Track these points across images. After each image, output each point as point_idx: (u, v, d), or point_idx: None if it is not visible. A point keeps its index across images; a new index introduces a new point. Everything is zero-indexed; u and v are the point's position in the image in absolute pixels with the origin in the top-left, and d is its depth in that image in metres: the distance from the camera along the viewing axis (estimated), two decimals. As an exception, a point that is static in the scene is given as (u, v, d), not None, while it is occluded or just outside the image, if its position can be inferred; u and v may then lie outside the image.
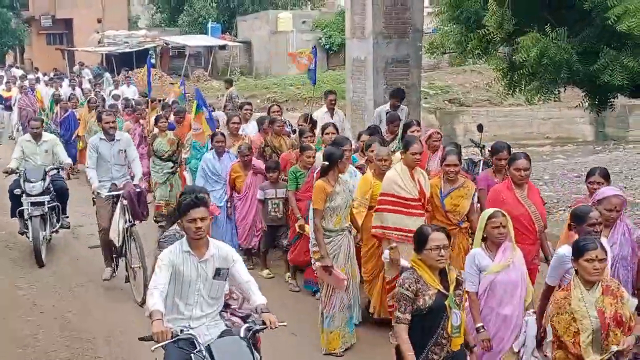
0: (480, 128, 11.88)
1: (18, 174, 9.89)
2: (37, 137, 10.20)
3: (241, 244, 9.50)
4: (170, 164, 11.59)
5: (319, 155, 8.07)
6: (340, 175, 7.03)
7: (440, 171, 7.26)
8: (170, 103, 15.14)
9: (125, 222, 8.41)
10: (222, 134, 10.14)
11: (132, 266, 8.48)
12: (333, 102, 11.50)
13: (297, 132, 10.10)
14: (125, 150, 8.81)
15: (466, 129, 23.53)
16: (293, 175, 8.50)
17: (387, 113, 10.92)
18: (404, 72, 13.23)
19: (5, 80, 24.41)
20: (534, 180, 11.67)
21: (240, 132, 10.83)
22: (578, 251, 4.74)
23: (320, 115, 11.26)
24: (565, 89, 9.55)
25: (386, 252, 6.84)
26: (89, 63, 34.97)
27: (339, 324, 6.95)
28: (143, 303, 6.94)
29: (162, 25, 43.18)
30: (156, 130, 11.90)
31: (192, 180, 10.62)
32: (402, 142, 7.59)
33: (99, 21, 41.01)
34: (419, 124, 9.35)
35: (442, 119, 24.60)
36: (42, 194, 9.72)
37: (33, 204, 9.71)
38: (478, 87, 25.90)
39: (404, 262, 6.41)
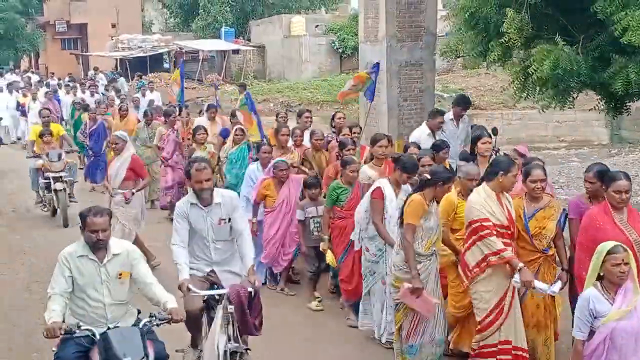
0: (495, 131, 11.72)
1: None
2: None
3: (267, 263, 8.81)
4: None
5: (365, 169, 7.82)
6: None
7: (522, 190, 6.43)
8: (206, 108, 14.04)
9: (229, 340, 5.62)
10: (270, 145, 9.43)
11: None
12: (442, 123, 9.60)
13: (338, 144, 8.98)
14: (229, 220, 5.99)
15: (480, 132, 23.43)
16: (334, 192, 7.78)
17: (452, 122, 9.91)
18: (417, 75, 13.17)
19: (21, 85, 24.53)
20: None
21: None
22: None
23: (422, 137, 9.51)
24: (578, 95, 9.50)
25: (516, 276, 5.87)
26: (102, 68, 35.18)
27: (425, 358, 6.36)
28: None
29: (176, 29, 43.44)
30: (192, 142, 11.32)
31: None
32: (496, 164, 6.28)
33: (113, 26, 41.27)
34: (489, 134, 8.36)
35: (456, 122, 24.52)
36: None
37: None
38: (492, 90, 25.85)
39: (539, 284, 5.87)
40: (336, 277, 8.18)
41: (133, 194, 9.33)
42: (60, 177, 12.13)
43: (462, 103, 10.07)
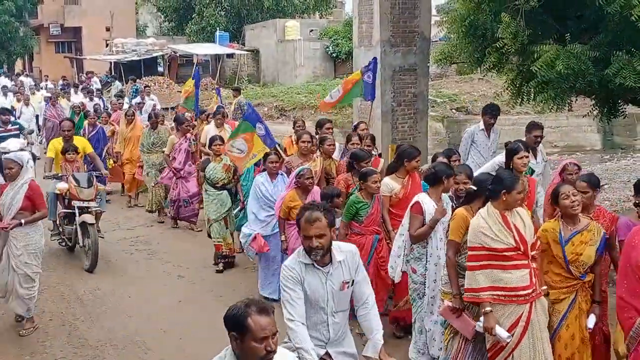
0: (488, 137, 11.87)
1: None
2: None
3: None
4: (225, 194, 9.99)
5: (387, 182, 7.45)
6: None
7: (556, 211, 5.85)
8: (213, 114, 13.33)
9: None
10: (277, 154, 8.80)
11: None
12: (539, 138, 8.50)
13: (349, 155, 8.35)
14: (351, 283, 4.69)
15: (474, 138, 23.53)
16: (353, 207, 7.20)
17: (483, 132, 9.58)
18: (411, 80, 13.21)
19: (14, 90, 24.13)
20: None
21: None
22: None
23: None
24: (577, 99, 9.55)
25: (481, 320, 5.41)
26: (96, 71, 35.14)
27: None
28: None
29: (170, 33, 43.42)
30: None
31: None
32: (499, 182, 5.73)
33: (108, 29, 41.22)
34: (527, 148, 7.36)
35: (450, 127, 24.62)
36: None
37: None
38: (485, 95, 25.91)
39: (500, 331, 5.28)
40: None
41: (21, 224, 7.52)
42: (89, 207, 10.01)
43: (491, 111, 9.61)
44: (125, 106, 18.09)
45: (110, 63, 36.34)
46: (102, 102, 22.30)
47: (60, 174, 10.25)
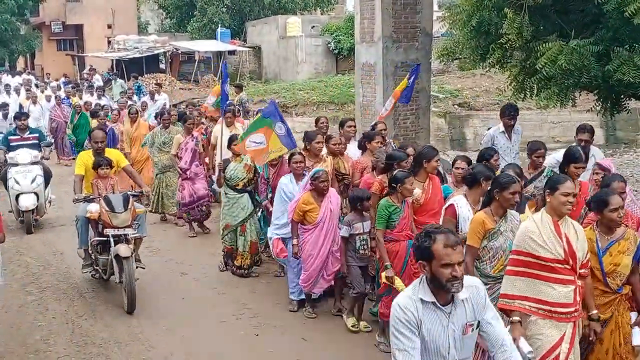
0: (490, 132, 11.85)
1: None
2: None
3: (305, 288, 7.93)
4: (246, 197, 9.31)
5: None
6: (510, 211, 5.52)
7: (589, 219, 5.60)
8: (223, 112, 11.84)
9: None
10: (301, 154, 8.35)
11: None
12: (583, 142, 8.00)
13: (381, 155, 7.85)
14: (476, 325, 3.89)
15: (476, 133, 23.49)
16: (385, 212, 6.81)
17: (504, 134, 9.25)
18: (413, 76, 13.22)
19: (17, 88, 23.66)
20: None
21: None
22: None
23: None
24: (580, 94, 9.53)
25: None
26: (98, 69, 35.16)
27: None
28: None
29: (172, 30, 43.41)
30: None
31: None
32: (548, 180, 5.57)
33: (109, 27, 41.24)
34: (584, 156, 6.87)
35: (452, 122, 24.57)
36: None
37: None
38: (488, 91, 25.88)
39: (523, 344, 4.82)
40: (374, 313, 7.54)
41: None
42: (126, 235, 8.29)
43: (509, 112, 9.27)
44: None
45: (112, 60, 36.34)
46: (108, 101, 21.84)
47: (91, 196, 8.57)
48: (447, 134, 23.65)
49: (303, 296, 8.15)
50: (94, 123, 15.25)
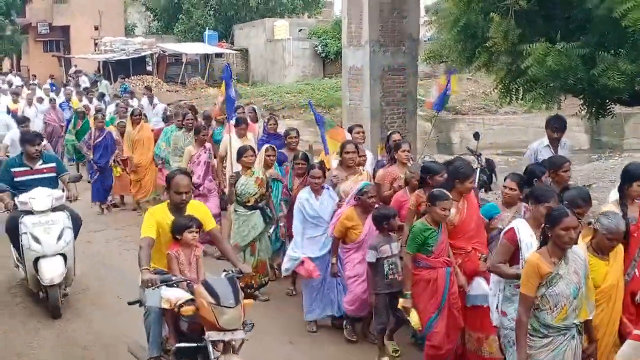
0: (476, 136, 11.93)
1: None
2: None
3: (349, 311, 7.30)
4: (257, 215, 8.57)
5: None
6: (572, 249, 4.70)
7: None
8: (234, 123, 10.70)
9: None
10: (321, 168, 7.80)
11: None
12: None
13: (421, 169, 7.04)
14: None
15: (462, 137, 23.64)
16: (420, 236, 6.04)
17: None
18: (400, 80, 13.27)
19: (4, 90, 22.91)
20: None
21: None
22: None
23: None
24: (566, 98, 9.61)
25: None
26: (84, 70, 35.01)
27: None
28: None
29: (159, 33, 43.34)
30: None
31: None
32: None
33: (96, 28, 41.08)
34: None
35: (438, 127, 24.67)
36: None
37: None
38: (474, 95, 26.04)
39: None
40: (416, 337, 6.99)
41: None
42: (234, 340, 5.15)
43: (554, 124, 8.32)
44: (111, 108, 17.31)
45: (99, 62, 36.22)
46: (105, 104, 20.87)
47: (171, 275, 5.48)
48: (433, 138, 23.74)
49: (317, 316, 7.65)
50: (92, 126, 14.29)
